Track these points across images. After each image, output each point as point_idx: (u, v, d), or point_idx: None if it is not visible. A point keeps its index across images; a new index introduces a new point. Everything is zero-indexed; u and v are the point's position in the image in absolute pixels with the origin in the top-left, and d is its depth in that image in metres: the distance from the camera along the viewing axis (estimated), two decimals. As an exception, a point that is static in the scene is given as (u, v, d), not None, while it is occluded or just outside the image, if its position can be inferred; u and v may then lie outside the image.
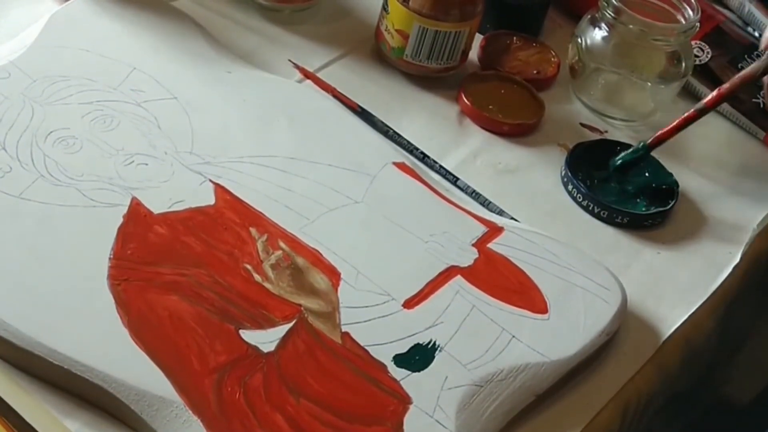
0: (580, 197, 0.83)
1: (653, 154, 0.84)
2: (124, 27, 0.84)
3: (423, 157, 0.83)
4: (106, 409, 0.61)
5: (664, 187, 0.84)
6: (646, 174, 0.85)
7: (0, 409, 0.59)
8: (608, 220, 0.82)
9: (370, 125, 0.84)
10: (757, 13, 1.00)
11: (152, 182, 0.72)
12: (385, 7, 0.88)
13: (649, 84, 0.90)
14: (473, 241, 0.74)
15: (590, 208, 0.82)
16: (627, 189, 0.84)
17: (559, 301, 0.71)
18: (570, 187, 0.83)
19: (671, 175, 0.85)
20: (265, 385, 0.62)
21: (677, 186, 0.84)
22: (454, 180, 0.82)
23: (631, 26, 0.87)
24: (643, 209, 0.82)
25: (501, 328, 0.69)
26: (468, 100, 0.88)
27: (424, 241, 0.73)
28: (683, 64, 0.89)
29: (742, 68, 0.85)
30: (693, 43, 0.94)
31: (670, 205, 0.83)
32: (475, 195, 0.81)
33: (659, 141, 0.83)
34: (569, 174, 0.83)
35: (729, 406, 1.08)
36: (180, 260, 0.68)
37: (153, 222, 0.70)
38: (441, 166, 0.82)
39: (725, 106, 0.93)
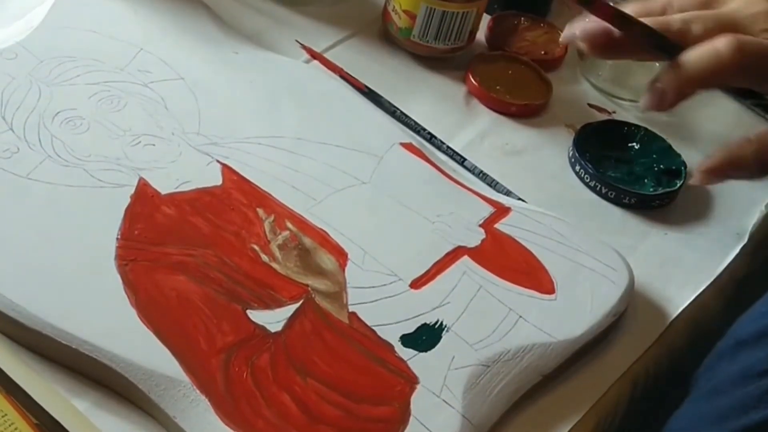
0: (587, 178, 0.83)
1: (662, 134, 0.84)
2: (131, 7, 0.84)
3: (430, 138, 0.83)
4: (114, 389, 0.61)
5: (672, 168, 0.84)
6: (654, 155, 0.85)
7: (9, 389, 0.60)
8: (616, 201, 0.82)
9: (377, 106, 0.84)
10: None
11: (159, 163, 0.72)
12: (392, -12, 0.88)
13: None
14: (480, 222, 0.74)
15: (598, 188, 0.82)
16: (634, 170, 0.83)
17: (566, 281, 0.71)
18: (578, 167, 0.83)
19: (679, 156, 0.85)
20: (273, 365, 0.62)
21: (685, 167, 0.84)
22: (461, 160, 0.81)
23: (639, 6, 0.86)
24: (651, 190, 0.82)
25: (508, 308, 0.69)
26: (475, 80, 0.88)
27: (431, 221, 0.73)
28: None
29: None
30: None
31: (678, 185, 0.82)
32: (482, 176, 0.80)
33: None
34: (577, 154, 0.83)
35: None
36: (187, 241, 0.68)
37: (160, 202, 0.70)
38: (448, 147, 0.82)
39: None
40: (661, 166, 0.84)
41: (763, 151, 0.72)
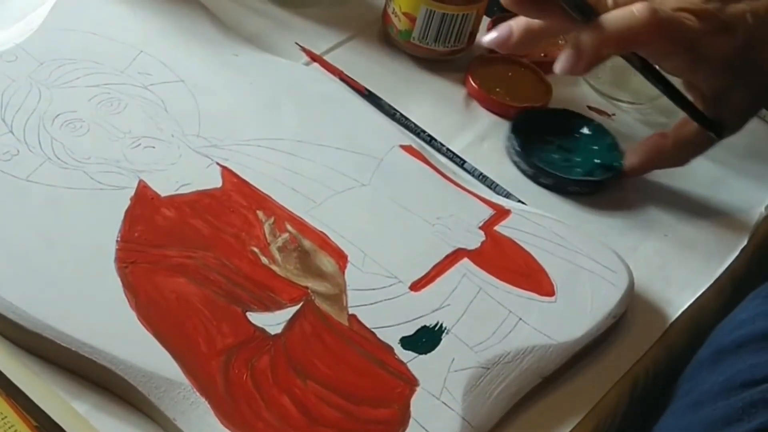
0: (514, 153, 0.83)
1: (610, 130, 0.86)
2: (131, 10, 0.84)
3: (430, 140, 0.83)
4: (114, 391, 0.61)
5: (609, 164, 0.83)
6: (596, 148, 0.85)
7: (9, 391, 0.60)
8: (534, 179, 0.82)
9: (377, 108, 0.84)
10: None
11: (159, 165, 0.72)
12: (392, -10, 0.88)
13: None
14: (480, 224, 0.74)
15: (521, 165, 0.83)
16: (572, 158, 0.83)
17: (566, 283, 0.71)
18: (508, 143, 0.84)
19: (621, 155, 0.84)
20: (272, 367, 0.62)
21: (620, 165, 0.83)
22: (461, 163, 0.81)
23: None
24: (570, 175, 0.82)
25: (508, 310, 0.69)
26: (475, 83, 0.88)
27: (431, 223, 0.73)
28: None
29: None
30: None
31: (601, 177, 0.82)
32: (482, 178, 0.80)
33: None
34: (512, 133, 0.84)
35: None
36: (187, 243, 0.68)
37: (160, 205, 0.70)
38: (448, 149, 0.82)
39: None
40: (598, 161, 0.83)
41: (679, 141, 0.80)
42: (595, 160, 0.83)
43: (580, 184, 0.81)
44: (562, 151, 0.84)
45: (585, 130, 0.85)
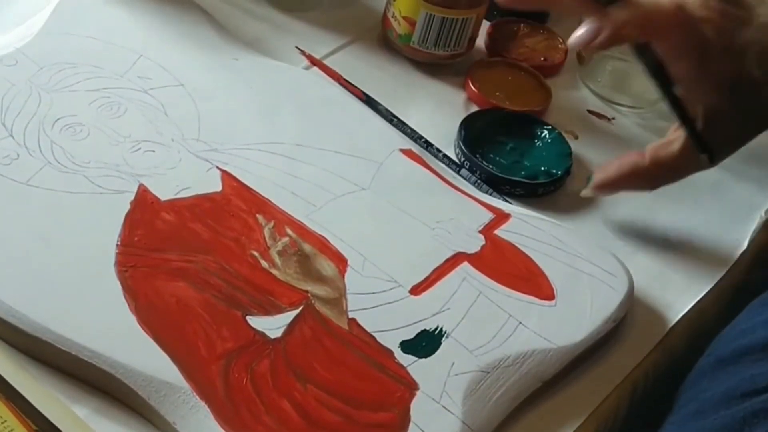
0: (456, 148, 0.83)
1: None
2: (131, 14, 0.84)
3: (427, 146, 0.83)
4: (114, 395, 0.61)
5: (553, 171, 0.83)
6: (545, 155, 0.84)
7: (9, 395, 0.60)
8: (470, 171, 0.82)
9: (375, 113, 0.84)
10: None
11: (159, 169, 0.72)
12: (392, -6, 0.88)
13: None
14: (480, 228, 0.74)
15: (461, 160, 0.82)
16: (522, 162, 0.83)
17: (566, 287, 0.71)
18: (456, 138, 0.84)
19: (568, 166, 0.83)
20: (272, 372, 0.62)
21: (560, 177, 0.83)
22: (457, 169, 0.81)
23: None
24: (504, 174, 0.81)
25: (508, 314, 0.69)
26: (475, 86, 0.88)
27: (431, 227, 0.73)
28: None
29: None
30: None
31: (535, 181, 0.81)
32: (478, 184, 0.80)
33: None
34: (462, 127, 0.84)
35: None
36: (187, 247, 0.68)
37: (160, 209, 0.70)
38: (444, 155, 0.82)
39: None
40: (544, 167, 0.83)
41: (657, 163, 0.76)
42: (542, 167, 0.83)
43: (511, 183, 0.81)
44: (514, 153, 0.84)
45: (545, 138, 0.85)
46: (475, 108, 0.88)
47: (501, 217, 0.75)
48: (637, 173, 0.77)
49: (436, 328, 0.67)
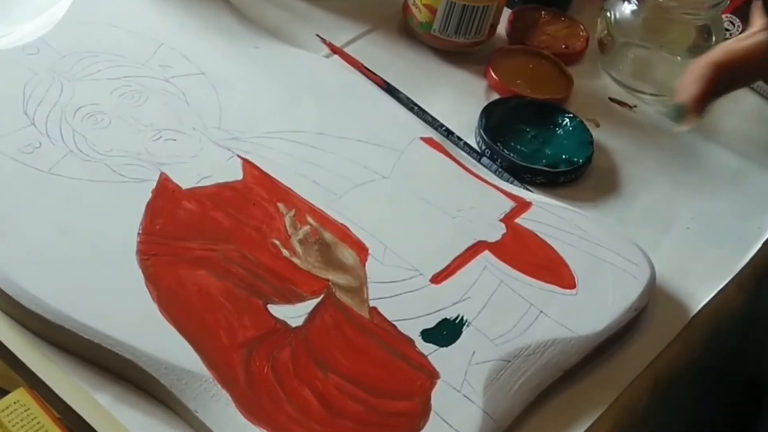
0: (477, 136, 0.83)
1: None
2: (152, 2, 0.84)
3: (448, 134, 0.82)
4: (135, 383, 0.61)
5: (573, 159, 0.83)
6: (565, 143, 0.84)
7: (32, 383, 0.60)
8: (491, 159, 0.81)
9: (396, 101, 0.83)
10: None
11: (180, 158, 0.73)
12: (412, -18, 0.88)
13: (679, 58, 0.90)
14: (501, 217, 0.74)
15: (482, 148, 0.82)
16: (543, 149, 0.83)
17: (587, 276, 0.71)
18: (477, 126, 0.84)
19: (589, 154, 0.83)
20: (293, 360, 0.62)
21: (581, 164, 0.82)
22: (478, 158, 0.81)
23: (660, 0, 0.86)
24: (525, 162, 0.81)
25: (529, 303, 0.69)
26: (496, 74, 0.88)
27: (452, 216, 0.73)
28: (713, 38, 0.89)
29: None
30: (723, 16, 0.93)
31: (555, 170, 0.81)
32: (499, 172, 0.80)
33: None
34: (483, 115, 0.83)
35: (762, 384, 1.08)
36: (208, 235, 0.68)
37: (181, 197, 0.70)
38: (465, 143, 0.82)
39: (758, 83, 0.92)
40: (566, 155, 0.83)
41: (722, 69, 0.74)
42: (564, 155, 0.82)
43: (533, 172, 0.81)
44: (535, 141, 0.83)
45: (567, 126, 0.85)
46: (496, 96, 0.87)
47: (522, 205, 0.75)
48: (720, 70, 0.74)
49: (457, 317, 0.67)
